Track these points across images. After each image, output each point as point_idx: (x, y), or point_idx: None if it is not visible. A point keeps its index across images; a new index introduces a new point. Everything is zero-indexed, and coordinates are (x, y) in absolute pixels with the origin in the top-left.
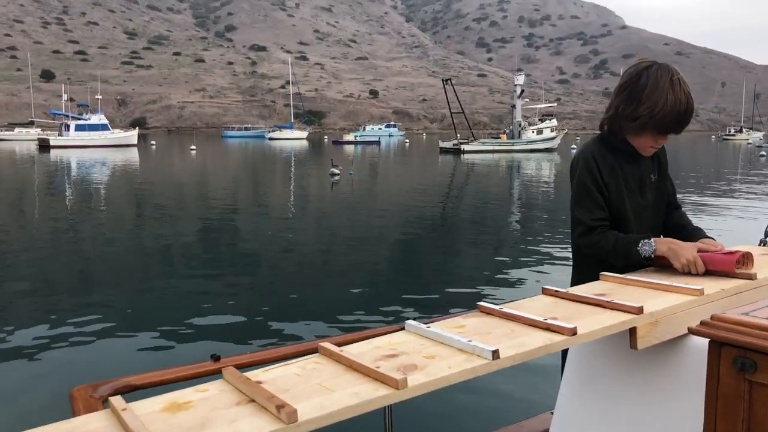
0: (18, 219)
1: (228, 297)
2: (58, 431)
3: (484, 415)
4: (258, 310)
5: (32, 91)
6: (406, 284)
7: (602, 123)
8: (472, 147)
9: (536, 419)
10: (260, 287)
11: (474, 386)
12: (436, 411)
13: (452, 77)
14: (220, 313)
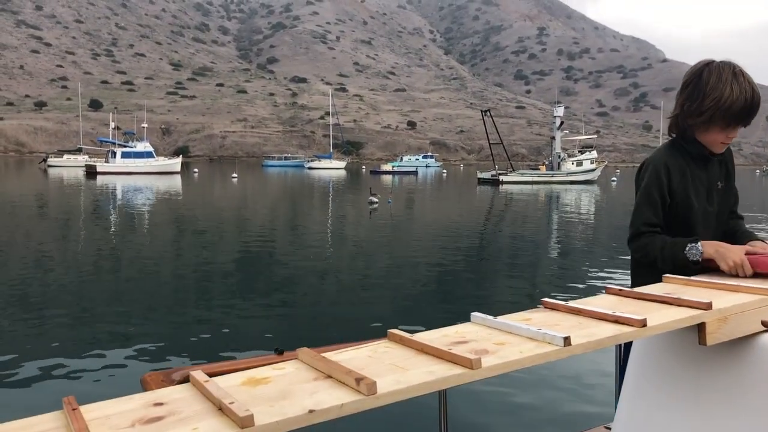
0: (82, 241)
1: (269, 317)
2: (145, 400)
3: (538, 424)
4: (297, 329)
5: (81, 120)
6: (444, 309)
7: (670, 126)
8: (511, 178)
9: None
10: (299, 307)
11: (526, 396)
12: (489, 416)
13: (490, 108)
14: (263, 331)
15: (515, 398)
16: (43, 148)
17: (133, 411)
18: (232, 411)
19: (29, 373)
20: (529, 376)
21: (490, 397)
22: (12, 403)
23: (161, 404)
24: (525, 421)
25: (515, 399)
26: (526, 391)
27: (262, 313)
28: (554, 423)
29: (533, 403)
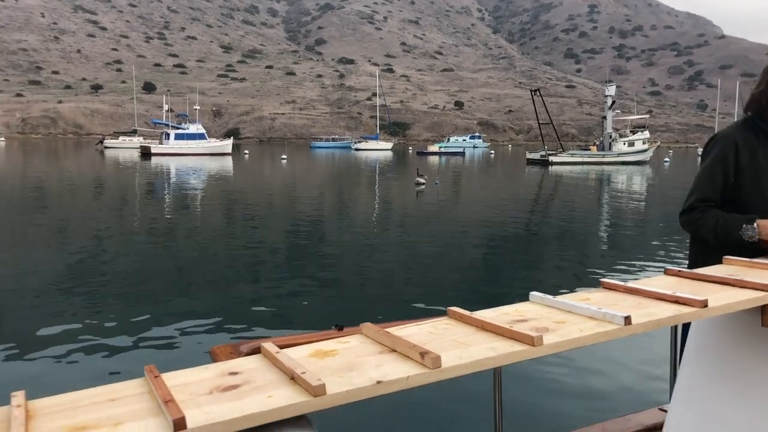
0: (144, 219)
1: (323, 294)
2: (221, 369)
3: (590, 405)
4: (352, 307)
5: (135, 102)
6: (498, 289)
7: (748, 104)
8: (561, 158)
9: (644, 414)
10: (353, 285)
11: (580, 377)
12: (542, 396)
13: (540, 88)
14: (319, 308)
15: (568, 379)
16: (99, 130)
17: (210, 379)
18: (305, 380)
19: (105, 345)
20: (582, 358)
21: (543, 377)
22: (93, 371)
23: (236, 373)
24: (578, 401)
25: (568, 380)
26: (580, 372)
27: (317, 291)
28: (607, 404)
29: (586, 384)
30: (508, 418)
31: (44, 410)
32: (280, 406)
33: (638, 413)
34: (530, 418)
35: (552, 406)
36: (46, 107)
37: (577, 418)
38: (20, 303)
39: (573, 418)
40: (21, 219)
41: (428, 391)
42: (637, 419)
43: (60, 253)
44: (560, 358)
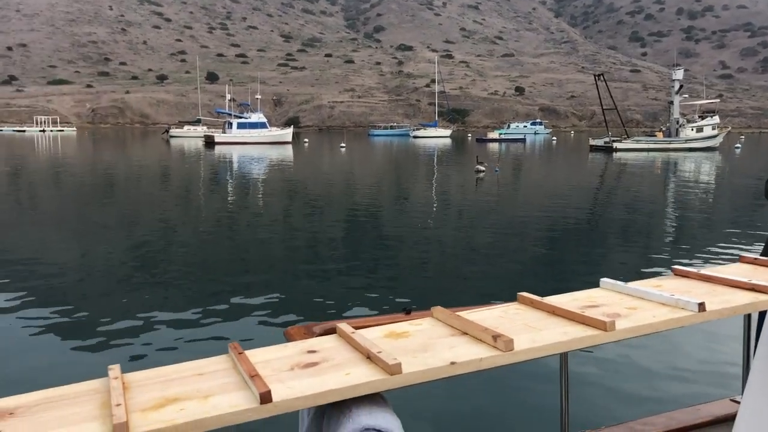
0: (207, 207)
1: (388, 280)
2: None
3: (658, 393)
4: (417, 292)
5: (199, 92)
6: (564, 276)
7: None
8: (625, 145)
9: (715, 404)
10: (417, 271)
11: (649, 365)
12: (609, 383)
13: (604, 73)
14: (383, 293)
15: (636, 366)
16: (164, 120)
17: (290, 357)
18: (381, 359)
19: (187, 325)
20: (650, 345)
21: (610, 363)
22: (177, 348)
23: (314, 351)
24: (645, 389)
25: (636, 367)
26: (648, 360)
27: (382, 277)
28: (676, 393)
29: (654, 372)
30: (575, 403)
31: (138, 383)
32: (359, 383)
33: (708, 404)
34: (596, 404)
35: (618, 394)
36: (114, 97)
37: (644, 407)
38: (105, 286)
39: (640, 406)
40: (94, 206)
41: (495, 375)
42: (707, 410)
43: (135, 239)
44: (628, 345)
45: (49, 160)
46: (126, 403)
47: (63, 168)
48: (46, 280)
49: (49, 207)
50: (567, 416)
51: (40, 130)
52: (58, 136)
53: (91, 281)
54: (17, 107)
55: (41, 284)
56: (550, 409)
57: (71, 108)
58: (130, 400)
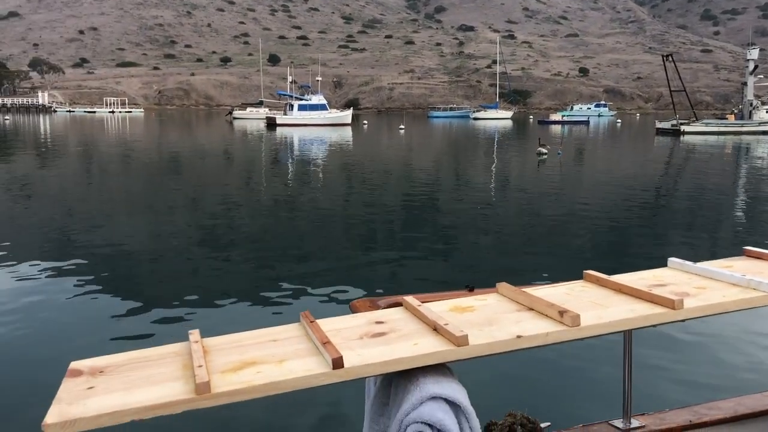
0: (270, 186)
1: (447, 258)
2: (368, 318)
3: (726, 379)
4: (475, 271)
5: (261, 74)
6: (629, 256)
7: None
8: (694, 128)
9: (763, 396)
10: (475, 251)
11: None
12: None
13: (672, 53)
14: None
15: (703, 350)
16: (228, 102)
17: (359, 327)
18: (448, 331)
19: (258, 295)
20: (717, 328)
21: (675, 345)
22: (250, 316)
23: (382, 322)
24: (713, 373)
25: (703, 351)
26: (716, 343)
27: (444, 254)
28: (745, 378)
29: (720, 356)
30: (638, 384)
31: (217, 347)
32: (427, 353)
33: (753, 395)
34: (660, 386)
35: (683, 376)
36: (179, 80)
37: (710, 391)
38: (178, 259)
39: (706, 390)
40: (162, 184)
41: (559, 353)
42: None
43: (202, 215)
44: (694, 327)
45: (118, 140)
46: (207, 365)
47: (132, 148)
48: (123, 254)
49: (121, 185)
50: (630, 397)
51: (109, 112)
52: (127, 117)
53: (165, 255)
54: (88, 89)
55: (119, 258)
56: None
57: (139, 90)
58: (211, 363)
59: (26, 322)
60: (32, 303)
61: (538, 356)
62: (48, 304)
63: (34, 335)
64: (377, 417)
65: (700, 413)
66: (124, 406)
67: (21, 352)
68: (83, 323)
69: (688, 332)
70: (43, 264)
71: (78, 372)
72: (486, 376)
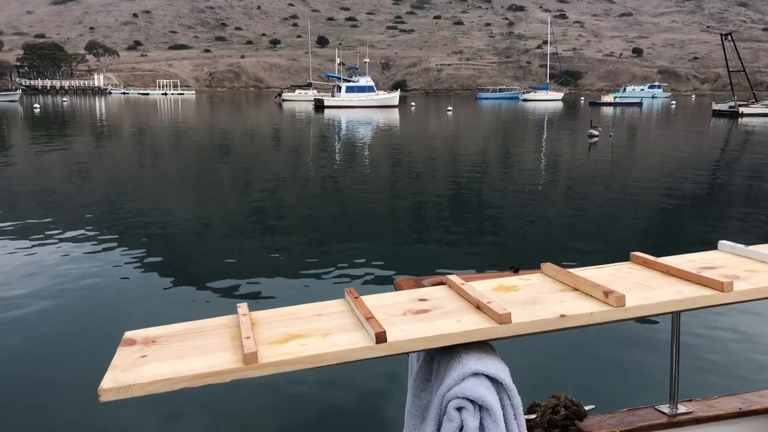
0: (305, 168)
1: (494, 239)
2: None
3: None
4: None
5: (310, 56)
6: (680, 239)
7: None
8: (753, 110)
9: None
10: (524, 232)
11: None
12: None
13: (732, 32)
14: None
15: (755, 335)
16: (277, 84)
17: (402, 303)
18: (491, 309)
19: (304, 272)
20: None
21: (726, 332)
22: (297, 292)
23: (425, 300)
24: (764, 365)
25: (755, 336)
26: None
27: (490, 236)
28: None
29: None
30: (685, 369)
31: (264, 320)
32: (469, 330)
33: None
34: (709, 372)
35: (734, 362)
36: (230, 62)
37: (762, 378)
38: (227, 236)
39: (757, 377)
40: (213, 164)
41: (605, 334)
42: None
43: (251, 195)
44: (746, 312)
45: (171, 121)
46: (254, 336)
47: (184, 129)
48: (176, 231)
49: (173, 164)
50: (677, 382)
51: (162, 93)
52: (179, 99)
53: (215, 233)
54: (141, 71)
55: (172, 235)
56: (660, 374)
57: (190, 72)
58: (258, 335)
59: (85, 292)
60: (89, 275)
61: (583, 338)
62: (104, 276)
63: (92, 305)
64: (420, 392)
65: (750, 401)
66: (175, 374)
67: (80, 320)
68: (137, 296)
69: (739, 316)
70: (100, 239)
71: (132, 341)
72: (531, 358)
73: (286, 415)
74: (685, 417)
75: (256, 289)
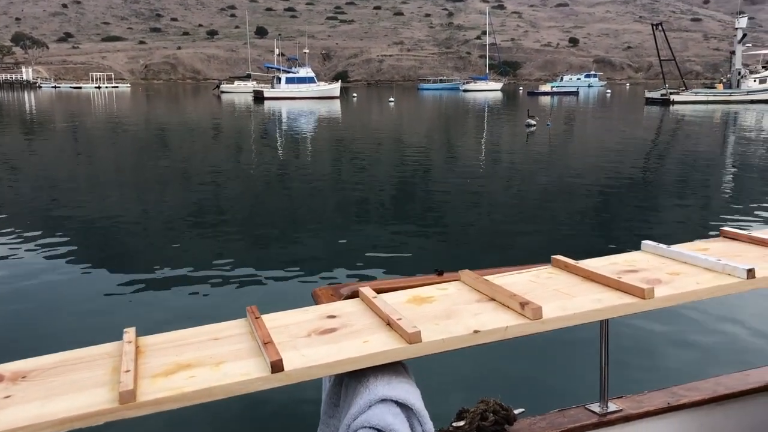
0: (247, 162)
1: (426, 238)
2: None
3: (705, 360)
4: (454, 252)
5: (249, 47)
6: (608, 237)
7: None
8: (683, 97)
9: (765, 369)
10: (456, 230)
11: (694, 330)
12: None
13: (662, 22)
14: (421, 252)
15: (682, 331)
16: (215, 75)
17: (309, 322)
18: (400, 327)
19: (213, 283)
20: (697, 309)
21: (653, 328)
22: (200, 310)
23: (334, 317)
24: (692, 354)
25: (682, 332)
26: (695, 324)
27: (420, 234)
28: (725, 359)
29: (702, 337)
30: (615, 366)
31: (153, 346)
32: (375, 352)
33: (759, 369)
34: (638, 368)
35: (662, 358)
36: (166, 54)
37: (690, 372)
38: (134, 242)
39: (686, 374)
40: (144, 160)
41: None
42: (758, 375)
43: (171, 195)
44: (673, 308)
45: (105, 115)
46: (137, 368)
47: (119, 123)
48: (98, 233)
49: (106, 160)
50: (607, 380)
51: (95, 87)
52: (113, 92)
53: (141, 234)
54: (73, 64)
55: (73, 238)
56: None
57: (125, 64)
58: (143, 365)
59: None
60: None
61: (513, 339)
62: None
63: None
64: (328, 419)
65: (678, 394)
66: (39, 419)
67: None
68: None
69: (668, 313)
70: (19, 241)
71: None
72: (458, 362)
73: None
74: (615, 415)
75: (151, 306)
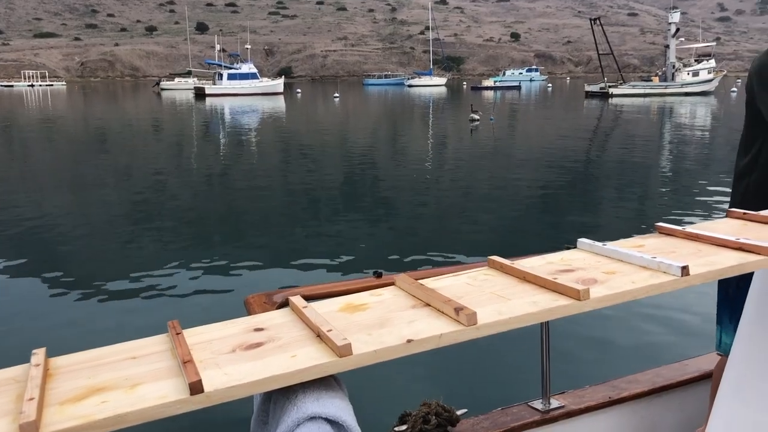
0: (186, 162)
1: (367, 239)
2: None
3: (644, 353)
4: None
5: (189, 43)
6: (547, 235)
7: None
8: (621, 90)
9: (703, 359)
10: (397, 229)
11: (633, 324)
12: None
13: (600, 17)
14: (361, 253)
15: (619, 325)
16: (155, 72)
17: (234, 336)
18: (330, 339)
19: (137, 295)
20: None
21: (593, 324)
22: (121, 325)
23: (261, 330)
24: (631, 348)
25: (619, 326)
26: (633, 319)
27: (361, 235)
28: (663, 350)
29: (639, 332)
30: (557, 362)
31: (64, 368)
32: (303, 368)
33: (696, 358)
34: (579, 364)
35: (602, 353)
36: (103, 50)
37: (630, 365)
38: (55, 249)
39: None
40: (77, 162)
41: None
42: (695, 364)
43: (100, 199)
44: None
45: (39, 115)
46: (43, 395)
47: (54, 123)
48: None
49: (41, 161)
50: (549, 376)
51: (28, 85)
52: (48, 90)
53: (49, 241)
54: (3, 61)
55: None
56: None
57: (60, 62)
58: (51, 390)
59: None
60: None
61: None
62: None
63: None
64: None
65: (619, 388)
66: None
67: None
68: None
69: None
70: None
71: None
72: (398, 366)
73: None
74: (558, 411)
75: (69, 321)
